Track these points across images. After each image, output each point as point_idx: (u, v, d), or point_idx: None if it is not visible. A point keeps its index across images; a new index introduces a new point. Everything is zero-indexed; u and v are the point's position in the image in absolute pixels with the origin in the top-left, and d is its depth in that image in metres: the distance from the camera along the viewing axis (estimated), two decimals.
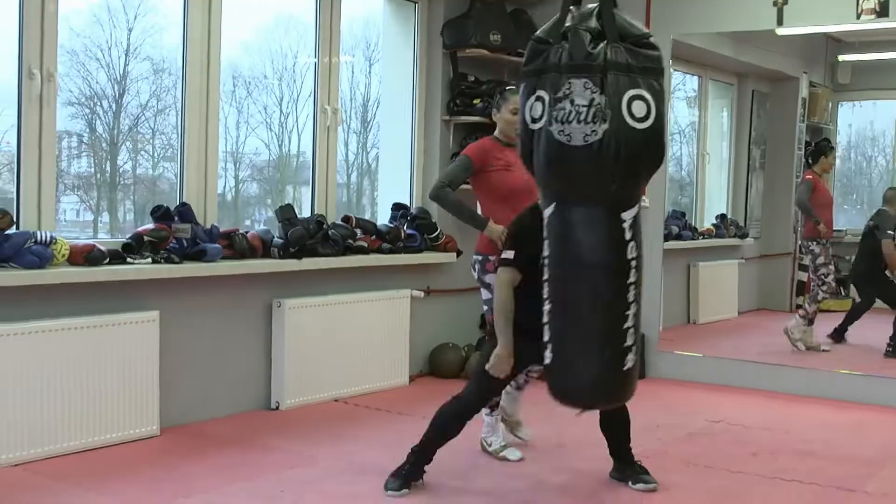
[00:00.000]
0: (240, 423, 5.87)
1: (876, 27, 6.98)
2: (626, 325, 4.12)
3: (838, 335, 8.19)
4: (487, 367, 4.53)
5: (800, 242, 8.21)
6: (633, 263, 4.13)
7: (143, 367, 5.41)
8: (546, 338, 4.19)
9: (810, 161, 8.30)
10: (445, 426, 4.70)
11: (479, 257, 5.20)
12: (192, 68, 5.90)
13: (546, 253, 4.16)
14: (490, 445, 5.33)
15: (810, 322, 8.08)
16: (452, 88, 7.45)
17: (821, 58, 8.86)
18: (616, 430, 4.86)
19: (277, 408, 6.22)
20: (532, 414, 5.62)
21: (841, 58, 8.86)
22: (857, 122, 9.35)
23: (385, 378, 6.90)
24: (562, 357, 4.16)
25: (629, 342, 4.15)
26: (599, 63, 3.90)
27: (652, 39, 4.05)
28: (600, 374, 4.15)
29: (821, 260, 8.06)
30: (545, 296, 4.17)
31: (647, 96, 3.94)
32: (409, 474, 4.67)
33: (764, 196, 9.17)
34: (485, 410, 5.20)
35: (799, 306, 8.59)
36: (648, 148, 3.99)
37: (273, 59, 7.01)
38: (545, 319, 4.17)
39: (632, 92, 3.91)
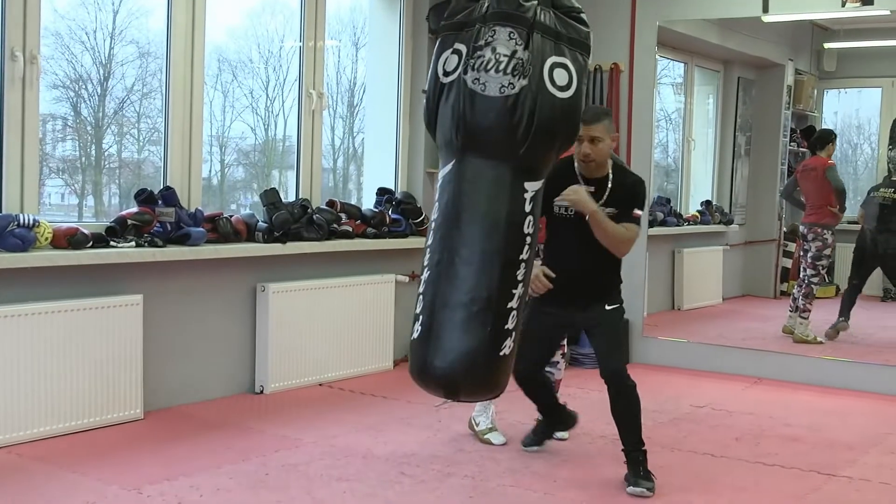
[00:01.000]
0: (224, 407, 5.87)
1: (861, 15, 6.99)
2: (510, 305, 3.75)
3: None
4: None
5: (804, 230, 8.14)
6: (528, 240, 3.81)
7: (127, 350, 5.40)
8: (418, 309, 3.82)
9: (816, 148, 8.25)
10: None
11: None
12: (177, 52, 5.88)
13: (434, 216, 3.84)
14: (478, 426, 5.34)
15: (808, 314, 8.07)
16: None
17: (806, 45, 8.87)
18: (617, 418, 4.73)
19: (262, 392, 6.22)
20: (515, 400, 5.63)
21: (826, 45, 8.87)
22: (843, 109, 9.37)
23: (369, 362, 6.90)
24: (431, 329, 3.74)
25: (510, 325, 3.77)
26: (528, 17, 3.72)
27: (583, 16, 3.90)
28: (473, 352, 3.69)
29: (828, 251, 8.05)
30: (424, 262, 3.82)
31: (571, 67, 3.77)
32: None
33: (749, 183, 9.19)
34: None
35: (785, 293, 8.62)
36: (564, 119, 3.78)
37: (259, 43, 6.99)
38: (420, 289, 3.83)
39: (555, 58, 3.74)
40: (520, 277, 3.79)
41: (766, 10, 7.08)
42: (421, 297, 3.81)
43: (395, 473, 4.70)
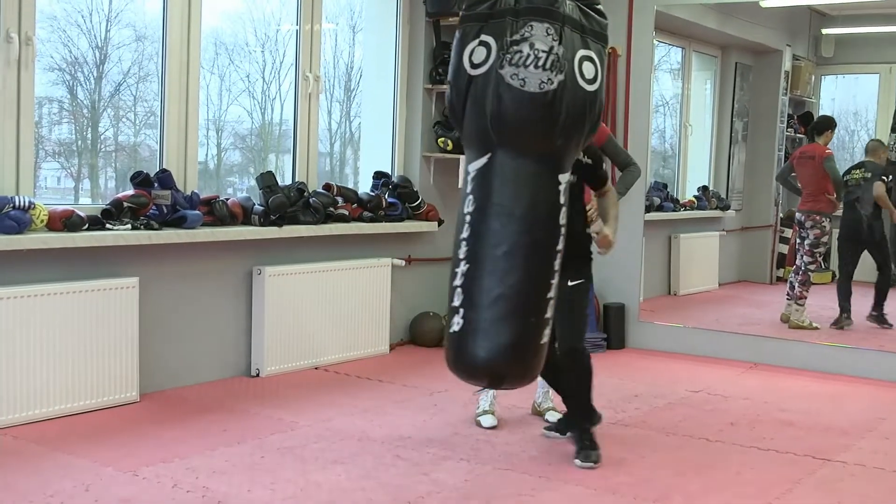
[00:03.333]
0: (220, 390, 5.88)
1: (859, 0, 6.98)
2: (549, 295, 3.87)
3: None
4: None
5: (800, 217, 8.12)
6: (563, 230, 3.91)
7: (123, 333, 5.40)
8: (457, 302, 3.86)
9: (814, 135, 8.23)
10: None
11: None
12: (173, 35, 5.86)
13: (469, 209, 3.88)
14: (477, 407, 5.37)
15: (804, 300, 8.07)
16: (435, 57, 7.43)
17: (804, 31, 8.86)
18: (564, 391, 4.87)
19: (258, 375, 6.22)
20: None
21: (824, 31, 8.86)
22: (840, 95, 9.36)
23: (365, 346, 6.91)
24: (475, 323, 3.80)
25: (549, 314, 3.89)
26: (561, 13, 3.78)
27: (601, 7, 3.97)
28: (519, 343, 3.82)
29: (825, 238, 8.04)
30: (461, 255, 3.86)
31: (596, 60, 3.85)
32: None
33: (746, 168, 9.18)
34: None
35: (781, 279, 8.62)
36: (592, 111, 3.86)
37: (256, 27, 6.97)
38: (457, 282, 3.86)
39: (583, 52, 3.82)
40: (556, 267, 3.90)
41: None
42: (459, 289, 3.85)
43: (390, 456, 4.71)
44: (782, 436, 5.31)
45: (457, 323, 3.84)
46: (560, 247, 3.91)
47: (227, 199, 6.01)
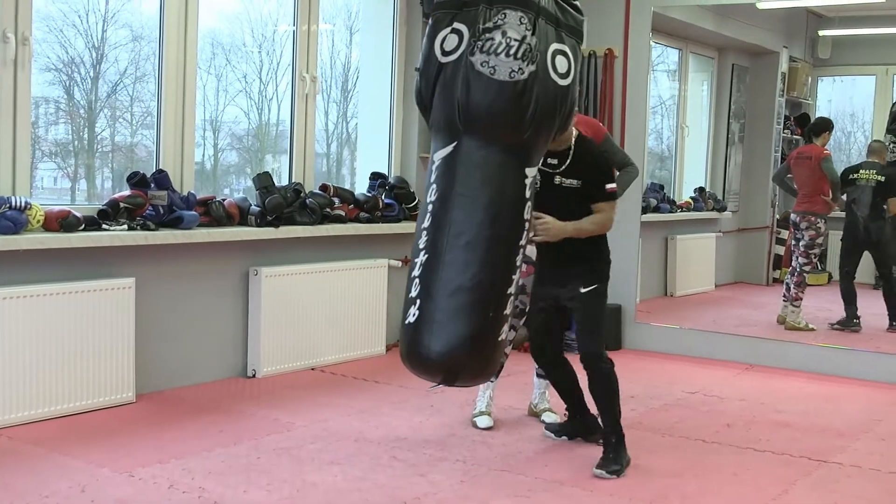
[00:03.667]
0: (216, 391, 5.87)
1: (856, 2, 6.99)
2: (509, 290, 3.80)
3: None
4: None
5: (796, 218, 8.12)
6: (526, 226, 3.86)
7: (119, 333, 5.39)
8: (414, 293, 3.78)
9: (812, 136, 8.22)
10: None
11: None
12: (170, 36, 5.86)
13: (431, 198, 3.80)
14: (474, 408, 5.38)
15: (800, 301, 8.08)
16: None
17: (801, 32, 8.87)
18: (595, 399, 4.81)
19: (254, 376, 6.22)
20: (507, 385, 5.65)
21: (821, 33, 8.87)
22: (837, 97, 9.37)
23: (362, 347, 6.90)
24: (431, 314, 3.70)
25: (508, 310, 3.81)
26: (536, 2, 3.74)
27: (578, 3, 3.96)
28: (476, 336, 3.72)
29: (820, 240, 8.04)
30: (420, 245, 3.80)
31: (570, 54, 3.81)
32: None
33: (742, 170, 9.19)
34: None
35: (778, 280, 8.63)
36: (563, 106, 3.83)
37: (253, 27, 6.97)
38: (416, 272, 3.79)
39: (557, 45, 3.78)
40: (518, 263, 3.82)
41: None
42: (417, 280, 3.77)
43: (386, 457, 4.71)
44: (778, 437, 5.32)
45: (412, 314, 3.75)
46: (523, 241, 3.84)
47: (224, 200, 6.00)
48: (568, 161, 4.59)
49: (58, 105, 6.02)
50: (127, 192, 5.55)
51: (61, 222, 5.09)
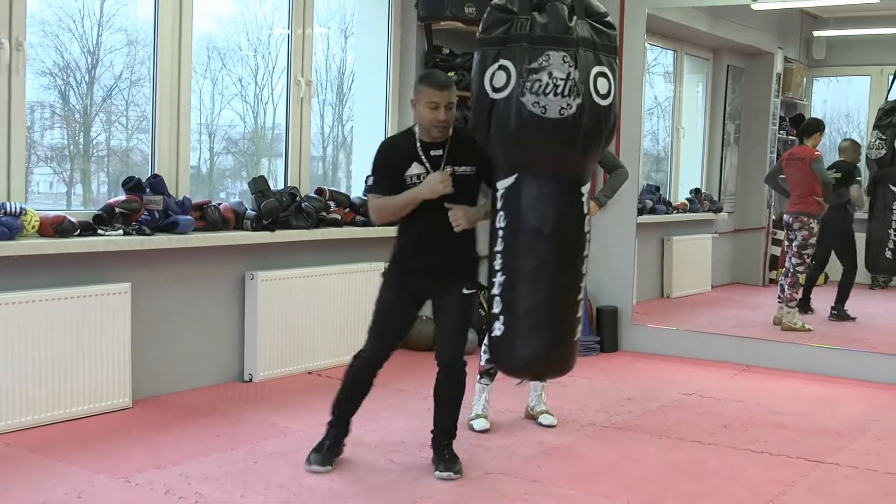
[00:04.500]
0: (213, 396, 5.87)
1: (850, 3, 6.99)
2: (579, 297, 4.21)
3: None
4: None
5: (789, 219, 8.11)
6: (588, 237, 4.22)
7: (115, 339, 5.39)
8: (497, 309, 4.18)
9: (804, 136, 8.22)
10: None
11: None
12: (165, 40, 5.86)
13: (500, 224, 4.14)
14: (470, 411, 5.39)
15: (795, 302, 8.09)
16: (427, 61, 7.41)
17: (796, 33, 8.88)
18: (444, 398, 4.61)
19: (251, 380, 6.22)
20: (503, 388, 5.63)
21: (816, 33, 8.88)
22: (832, 98, 9.38)
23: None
24: (514, 328, 4.17)
25: (579, 313, 4.24)
26: (574, 38, 3.97)
27: (609, 19, 4.16)
28: (556, 344, 4.21)
29: (813, 240, 8.04)
30: (497, 267, 4.16)
31: (609, 74, 4.05)
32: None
33: (738, 171, 9.20)
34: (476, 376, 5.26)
35: (774, 281, 8.64)
36: (608, 124, 4.07)
37: (248, 31, 6.97)
38: (496, 291, 4.17)
39: (597, 69, 4.02)
40: (584, 271, 4.24)
41: None
42: (498, 298, 4.19)
43: (383, 461, 4.71)
44: (775, 438, 5.32)
45: (498, 328, 4.20)
46: (587, 251, 4.20)
47: (220, 205, 6.00)
48: (447, 147, 4.44)
49: (53, 109, 6.01)
50: (122, 196, 5.55)
51: (56, 228, 5.08)
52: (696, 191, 9.08)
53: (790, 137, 8.93)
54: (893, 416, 5.93)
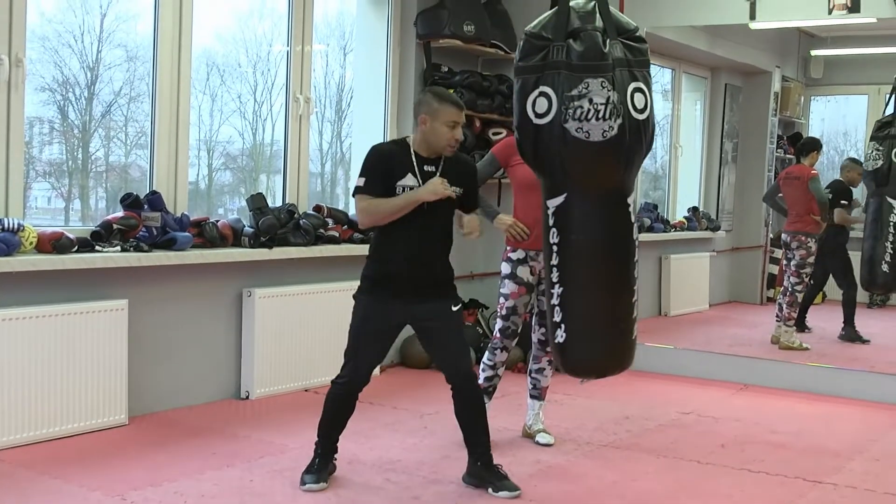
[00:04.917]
0: (209, 413, 5.85)
1: (848, 22, 7.01)
2: (634, 299, 4.34)
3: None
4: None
5: (786, 238, 8.10)
6: (637, 244, 4.36)
7: (112, 355, 5.37)
8: (558, 318, 4.28)
9: (800, 156, 8.21)
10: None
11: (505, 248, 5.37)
12: (164, 56, 5.87)
13: (554, 240, 4.25)
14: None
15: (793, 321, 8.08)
16: (426, 79, 7.43)
17: (793, 52, 8.91)
18: (469, 416, 4.61)
19: (247, 397, 6.20)
20: (500, 406, 5.63)
21: (813, 52, 8.91)
22: (829, 116, 9.42)
23: None
24: (578, 334, 4.29)
25: (635, 313, 4.38)
26: (611, 63, 4.05)
27: (640, 33, 4.24)
28: (616, 345, 4.37)
29: (811, 259, 8.04)
30: (554, 279, 4.27)
31: (644, 88, 4.13)
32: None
33: (736, 189, 9.22)
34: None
35: (772, 299, 8.64)
36: (647, 136, 4.17)
37: (247, 48, 6.98)
38: (555, 301, 4.27)
39: (633, 85, 4.09)
40: (636, 275, 4.37)
41: (753, 17, 7.09)
42: (557, 307, 4.30)
43: (380, 480, 4.70)
44: (773, 458, 5.31)
45: (560, 336, 4.30)
46: (637, 258, 4.33)
47: (217, 221, 6.00)
48: (440, 166, 4.52)
49: (52, 125, 6.02)
50: (120, 213, 5.54)
51: (54, 244, 5.08)
52: (694, 209, 9.10)
53: (788, 156, 8.95)
54: (892, 436, 5.92)
